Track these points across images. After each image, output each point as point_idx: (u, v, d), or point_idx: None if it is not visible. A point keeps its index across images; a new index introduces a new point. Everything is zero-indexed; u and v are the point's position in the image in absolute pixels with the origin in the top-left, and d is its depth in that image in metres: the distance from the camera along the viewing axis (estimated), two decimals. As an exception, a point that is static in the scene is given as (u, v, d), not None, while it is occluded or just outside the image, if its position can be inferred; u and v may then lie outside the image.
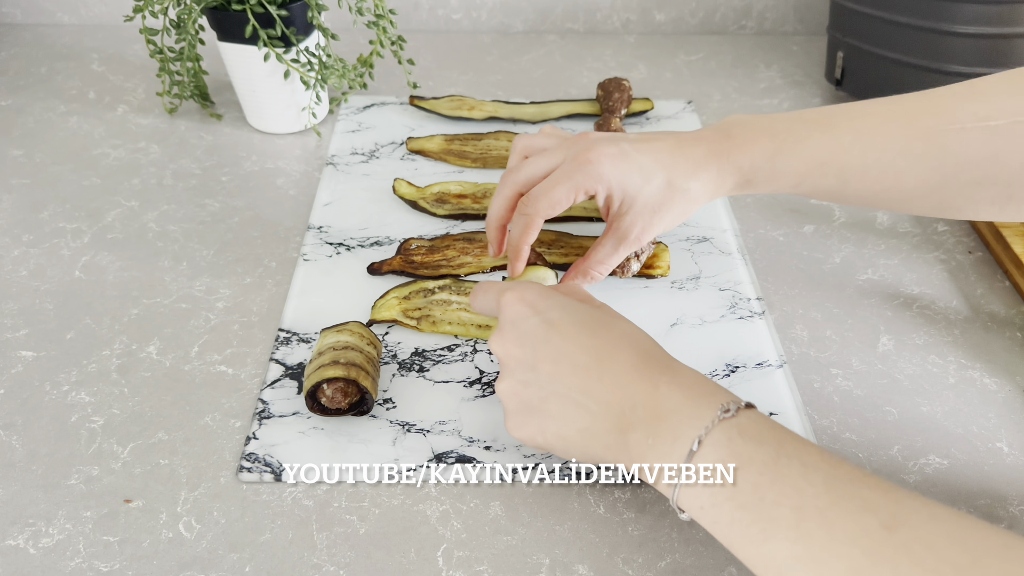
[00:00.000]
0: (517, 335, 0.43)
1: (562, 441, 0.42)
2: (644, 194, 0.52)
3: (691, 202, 0.53)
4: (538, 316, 0.43)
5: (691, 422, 0.38)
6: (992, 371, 0.55)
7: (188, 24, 0.70)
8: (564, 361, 0.42)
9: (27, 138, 0.77)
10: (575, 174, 0.51)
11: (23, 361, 0.54)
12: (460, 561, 0.44)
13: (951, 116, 0.47)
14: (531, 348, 0.42)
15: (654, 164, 0.52)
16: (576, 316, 0.43)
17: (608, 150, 0.51)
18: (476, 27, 0.99)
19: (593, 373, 0.41)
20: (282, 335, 0.56)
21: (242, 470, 0.47)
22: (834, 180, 0.51)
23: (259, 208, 0.69)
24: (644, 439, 0.39)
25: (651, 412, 0.39)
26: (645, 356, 0.41)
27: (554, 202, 0.52)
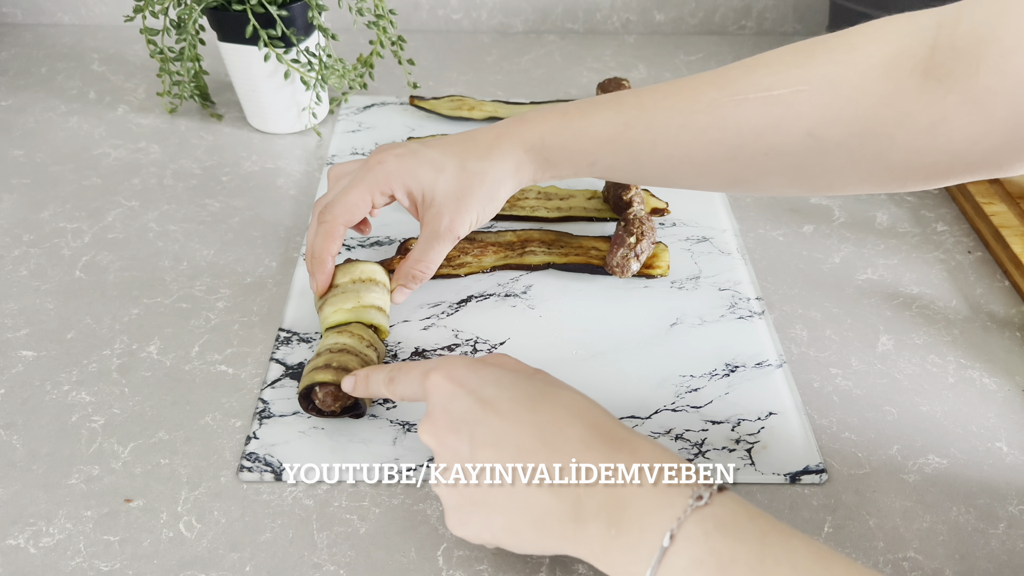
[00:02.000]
0: (449, 420, 0.39)
1: (513, 536, 0.38)
2: (441, 184, 0.52)
3: (493, 184, 0.52)
4: (471, 395, 0.39)
5: (659, 511, 0.34)
6: (991, 371, 0.56)
7: (188, 24, 0.70)
8: (505, 445, 0.37)
9: (27, 138, 0.77)
10: (366, 177, 0.52)
11: (24, 361, 0.55)
12: (460, 560, 0.44)
13: (734, 87, 0.47)
14: (467, 434, 0.38)
15: (443, 154, 0.52)
16: (512, 390, 0.39)
17: (395, 151, 0.53)
18: (476, 27, 0.99)
19: (540, 455, 0.37)
20: (282, 335, 0.56)
21: (242, 470, 0.47)
22: (625, 156, 0.50)
23: (259, 208, 0.69)
24: (605, 530, 0.35)
25: (610, 499, 0.35)
26: (596, 430, 0.38)
27: (350, 206, 0.52)
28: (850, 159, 0.45)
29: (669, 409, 0.52)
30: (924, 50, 0.42)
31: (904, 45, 0.43)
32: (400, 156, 0.52)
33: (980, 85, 0.40)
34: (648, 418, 0.51)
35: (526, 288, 0.61)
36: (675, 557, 0.32)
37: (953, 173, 0.44)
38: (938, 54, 0.41)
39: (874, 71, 0.43)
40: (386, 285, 0.55)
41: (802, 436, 0.51)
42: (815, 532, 0.46)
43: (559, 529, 0.36)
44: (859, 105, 0.44)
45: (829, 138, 0.45)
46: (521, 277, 0.62)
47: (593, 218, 0.67)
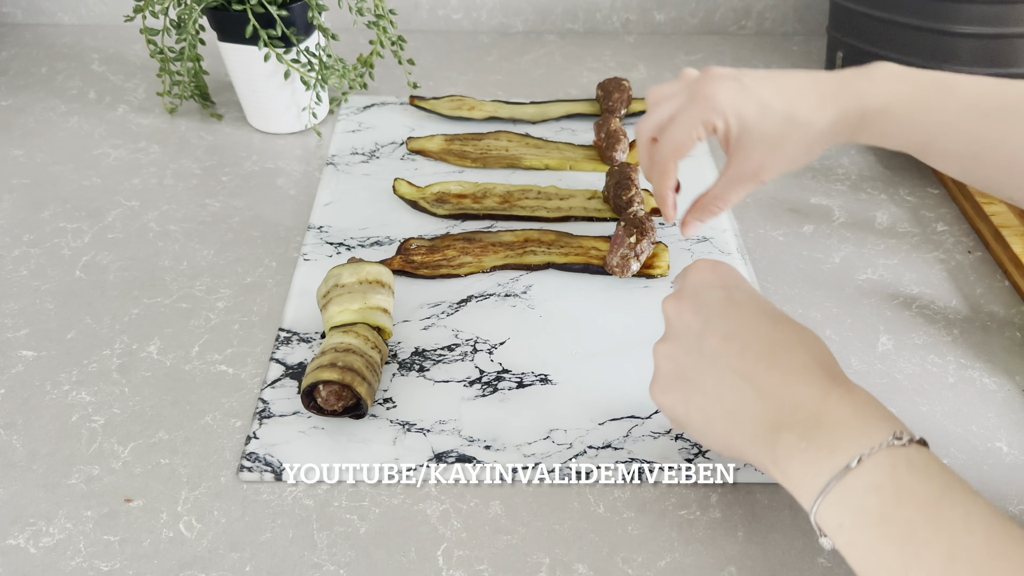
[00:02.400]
0: (695, 301, 0.42)
1: (705, 418, 0.40)
2: (761, 127, 0.49)
3: (814, 138, 0.49)
4: (723, 290, 0.42)
5: (856, 438, 0.35)
6: (991, 371, 0.56)
7: (188, 24, 0.70)
8: (736, 340, 0.40)
9: (28, 138, 0.77)
10: (691, 110, 0.49)
11: (24, 361, 0.55)
12: (460, 560, 0.44)
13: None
14: (705, 318, 0.41)
15: (775, 96, 0.49)
16: (762, 305, 0.42)
17: (725, 83, 0.49)
18: (476, 27, 0.99)
19: (763, 362, 0.39)
20: (282, 335, 0.56)
21: (242, 469, 0.47)
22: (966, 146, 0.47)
23: (259, 208, 0.69)
24: (796, 441, 0.36)
25: (813, 417, 0.36)
26: (822, 364, 0.39)
27: (678, 143, 0.50)
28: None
29: (669, 409, 0.52)
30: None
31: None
32: (731, 91, 0.49)
33: None
34: (648, 418, 0.51)
35: (526, 288, 0.61)
36: (856, 479, 0.34)
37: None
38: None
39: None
40: (391, 287, 0.55)
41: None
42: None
43: (751, 429, 0.38)
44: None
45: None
46: (521, 277, 0.62)
47: (593, 218, 0.67)
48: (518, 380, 0.53)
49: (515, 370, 0.54)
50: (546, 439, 0.50)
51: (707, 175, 0.73)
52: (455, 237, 0.64)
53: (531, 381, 0.53)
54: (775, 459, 0.37)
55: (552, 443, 0.49)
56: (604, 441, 0.50)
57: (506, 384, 0.53)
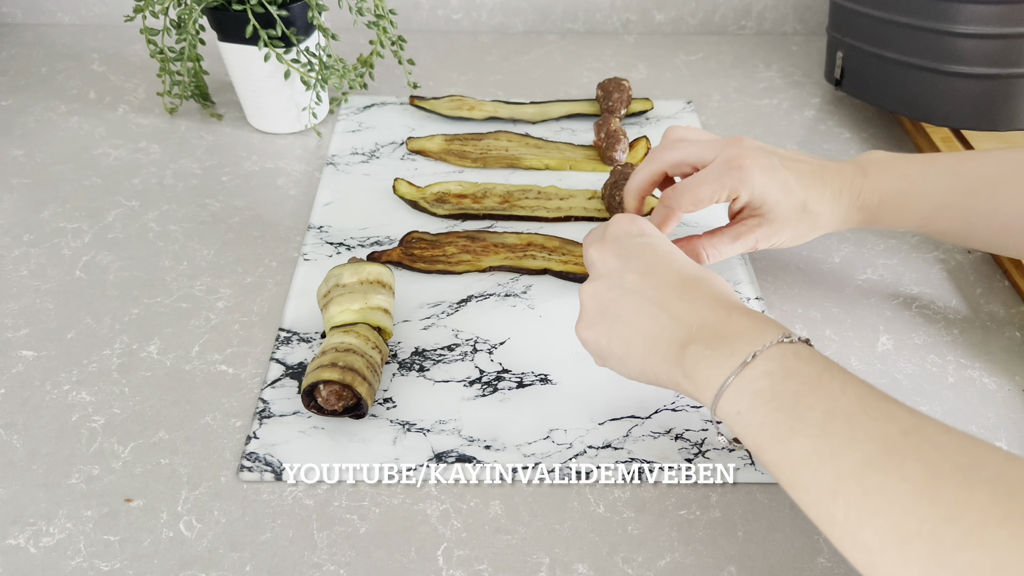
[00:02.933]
0: (617, 246, 0.47)
1: (624, 346, 0.45)
2: (781, 207, 0.54)
3: (815, 227, 0.55)
4: (644, 237, 0.48)
5: (751, 341, 0.40)
6: (991, 371, 0.56)
7: (188, 24, 0.70)
8: (651, 276, 0.45)
9: (27, 138, 0.77)
10: (725, 176, 0.53)
11: (24, 361, 0.55)
12: (460, 560, 0.44)
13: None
14: (625, 259, 0.46)
15: (798, 183, 0.54)
16: (674, 248, 0.47)
17: (761, 160, 0.53)
18: (476, 27, 0.99)
19: (675, 292, 0.44)
20: (282, 335, 0.56)
21: (242, 469, 0.47)
22: (960, 223, 0.53)
23: (259, 208, 0.69)
24: (702, 351, 0.41)
25: (716, 331, 0.42)
26: (726, 295, 0.44)
27: (698, 200, 0.54)
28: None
29: (669, 409, 0.52)
30: None
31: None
32: (765, 170, 0.53)
33: None
34: (648, 418, 0.51)
35: (526, 288, 0.61)
36: (751, 370, 0.39)
37: None
38: None
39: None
40: (392, 287, 0.55)
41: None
42: (815, 532, 0.46)
43: (665, 349, 0.43)
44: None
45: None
46: (521, 277, 0.62)
47: (593, 218, 0.67)
48: (518, 380, 0.53)
49: (515, 370, 0.54)
50: (546, 439, 0.50)
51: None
52: (459, 235, 0.64)
53: (531, 381, 0.53)
54: (684, 371, 0.42)
55: (552, 443, 0.49)
56: (604, 441, 0.50)
57: (506, 384, 0.53)
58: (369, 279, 0.53)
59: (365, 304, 0.52)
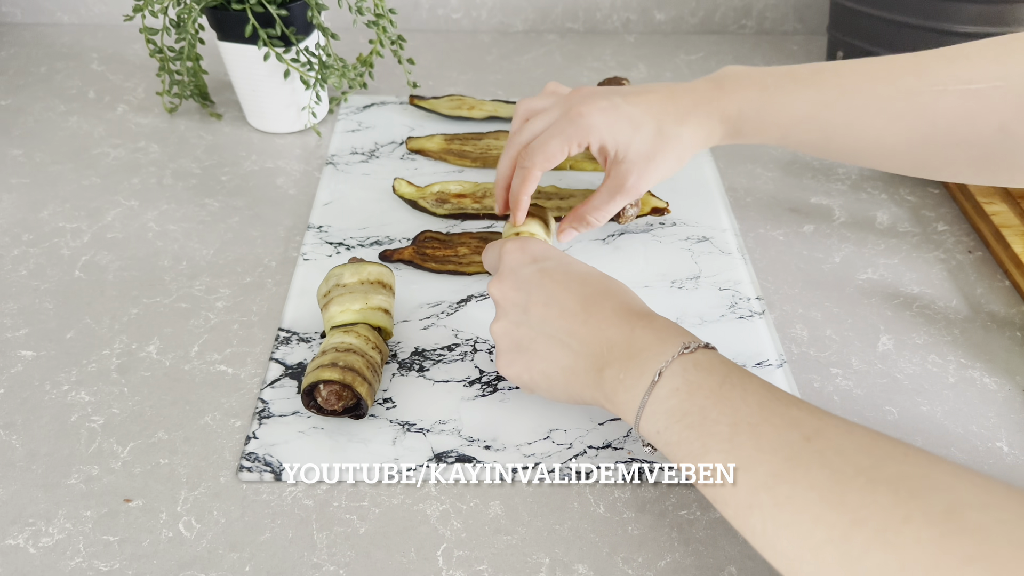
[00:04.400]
0: (515, 280, 0.47)
1: (546, 379, 0.46)
2: (636, 143, 0.53)
3: (683, 149, 0.54)
4: (536, 264, 0.47)
5: (656, 358, 0.41)
6: (992, 371, 0.56)
7: (188, 24, 0.70)
8: (554, 305, 0.45)
9: (27, 137, 0.77)
10: (567, 128, 0.53)
11: (23, 360, 0.54)
12: (460, 560, 0.44)
13: (934, 78, 0.48)
14: (525, 292, 0.46)
15: (644, 114, 0.54)
16: (569, 268, 0.47)
17: (599, 103, 0.54)
18: (476, 27, 0.99)
19: (579, 317, 0.44)
20: (282, 335, 0.56)
21: (242, 469, 0.47)
22: (818, 135, 0.53)
23: (259, 208, 0.69)
24: (616, 374, 0.42)
25: (625, 351, 0.42)
26: (626, 306, 0.44)
27: (549, 155, 0.54)
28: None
29: (669, 409, 0.52)
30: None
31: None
32: (604, 111, 0.53)
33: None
34: (648, 418, 0.51)
35: (526, 288, 0.61)
36: (660, 389, 0.40)
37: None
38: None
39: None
40: (392, 287, 0.55)
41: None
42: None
43: (584, 377, 0.44)
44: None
45: (1020, 133, 0.46)
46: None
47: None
48: (518, 380, 0.53)
49: (515, 370, 0.54)
50: (546, 439, 0.50)
51: (707, 175, 0.73)
52: (472, 235, 0.64)
53: (531, 381, 0.53)
54: (605, 395, 0.43)
55: (552, 443, 0.49)
56: (604, 441, 0.50)
57: (506, 384, 0.53)
58: (370, 279, 0.53)
59: (366, 304, 0.52)
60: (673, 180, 0.72)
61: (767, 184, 0.73)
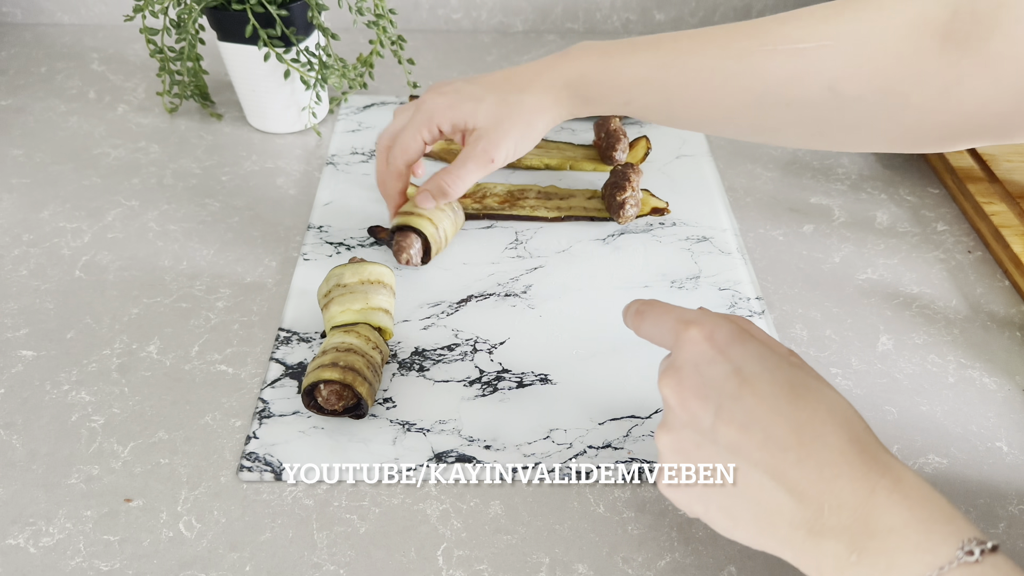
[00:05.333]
0: (700, 384, 0.36)
1: (729, 519, 0.35)
2: (480, 114, 0.55)
3: (529, 114, 0.55)
4: (729, 364, 0.36)
5: (916, 553, 0.30)
6: (991, 370, 0.56)
7: (188, 24, 0.70)
8: (755, 429, 0.34)
9: (27, 138, 0.77)
10: (415, 117, 0.57)
11: (23, 360, 0.54)
12: (460, 560, 0.44)
13: (765, 38, 0.49)
14: (715, 404, 0.35)
15: (484, 90, 0.56)
16: (776, 374, 0.35)
17: (441, 90, 0.57)
18: (476, 27, 0.99)
19: (791, 453, 0.33)
20: (282, 335, 0.56)
21: (242, 469, 0.47)
22: (658, 97, 0.52)
23: (259, 208, 0.69)
24: (845, 553, 0.32)
25: (860, 523, 0.32)
26: (858, 444, 0.34)
27: (405, 146, 0.58)
28: (867, 115, 0.47)
29: (669, 409, 0.52)
30: (946, 14, 0.44)
31: (927, 8, 0.44)
32: (444, 94, 0.56)
33: (992, 50, 0.42)
34: (648, 418, 0.51)
35: (526, 288, 0.61)
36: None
37: (963, 136, 0.46)
38: (957, 19, 0.43)
39: (896, 31, 0.45)
40: (393, 287, 0.55)
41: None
42: None
43: (786, 534, 0.33)
44: (879, 63, 0.45)
45: (848, 93, 0.46)
46: (521, 277, 0.62)
47: (594, 218, 0.67)
48: (518, 380, 0.53)
49: (515, 370, 0.54)
50: (546, 439, 0.50)
51: (707, 175, 0.73)
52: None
53: (531, 381, 0.53)
54: (820, 570, 0.33)
55: (552, 443, 0.49)
56: (604, 441, 0.50)
57: (506, 384, 0.53)
58: (370, 279, 0.53)
59: (366, 304, 0.52)
60: (673, 180, 0.72)
61: (767, 184, 0.73)
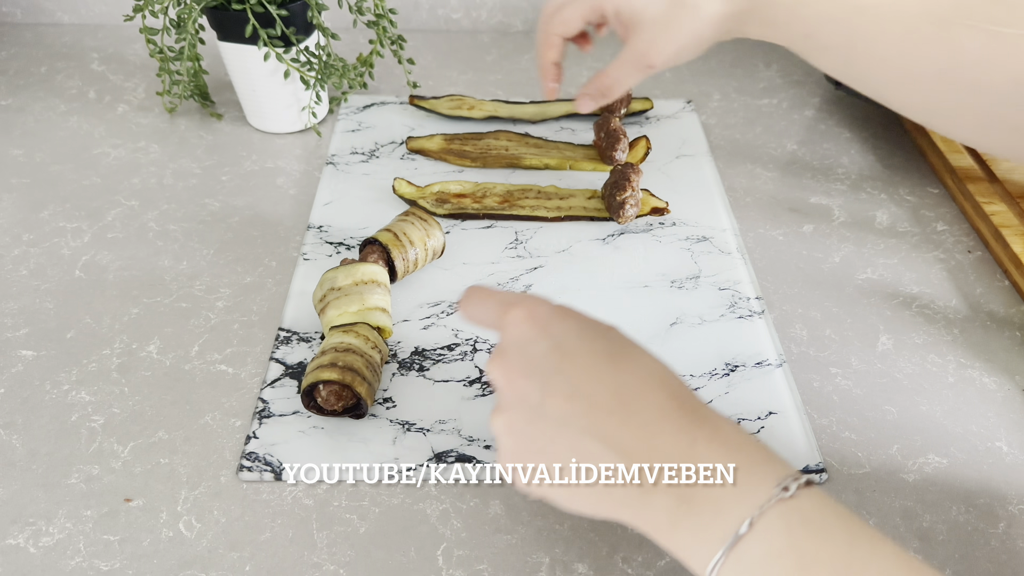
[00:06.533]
0: (524, 362, 0.36)
1: (566, 492, 0.35)
2: (650, 10, 0.51)
3: (700, 20, 0.51)
4: (549, 340, 0.36)
5: (738, 496, 0.32)
6: (991, 370, 0.56)
7: (188, 24, 0.70)
8: (580, 398, 0.35)
9: (27, 137, 0.77)
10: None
11: (23, 360, 0.54)
12: (460, 560, 0.44)
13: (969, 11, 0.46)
14: (540, 380, 0.35)
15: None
16: (595, 345, 0.36)
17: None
18: (476, 27, 0.99)
19: (615, 416, 0.34)
20: (282, 334, 0.56)
21: (242, 469, 0.47)
22: (842, 40, 0.49)
23: (259, 207, 0.69)
24: (675, 505, 0.33)
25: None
26: (677, 400, 0.35)
27: (564, 19, 0.54)
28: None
29: (669, 409, 0.52)
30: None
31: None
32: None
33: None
34: (648, 418, 0.51)
35: (526, 288, 0.61)
36: (750, 546, 0.31)
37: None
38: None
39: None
40: (387, 285, 0.55)
41: (802, 435, 0.51)
42: None
43: (621, 496, 0.34)
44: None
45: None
46: (521, 277, 0.62)
47: (593, 217, 0.67)
48: (518, 380, 0.53)
49: (515, 370, 0.54)
50: (546, 439, 0.50)
51: (707, 175, 0.73)
52: None
53: (531, 381, 0.53)
54: (656, 526, 0.34)
55: (552, 443, 0.49)
56: (604, 441, 0.50)
57: (506, 384, 0.53)
58: (364, 279, 0.53)
59: (363, 305, 0.52)
60: (673, 180, 0.72)
61: (767, 184, 0.73)
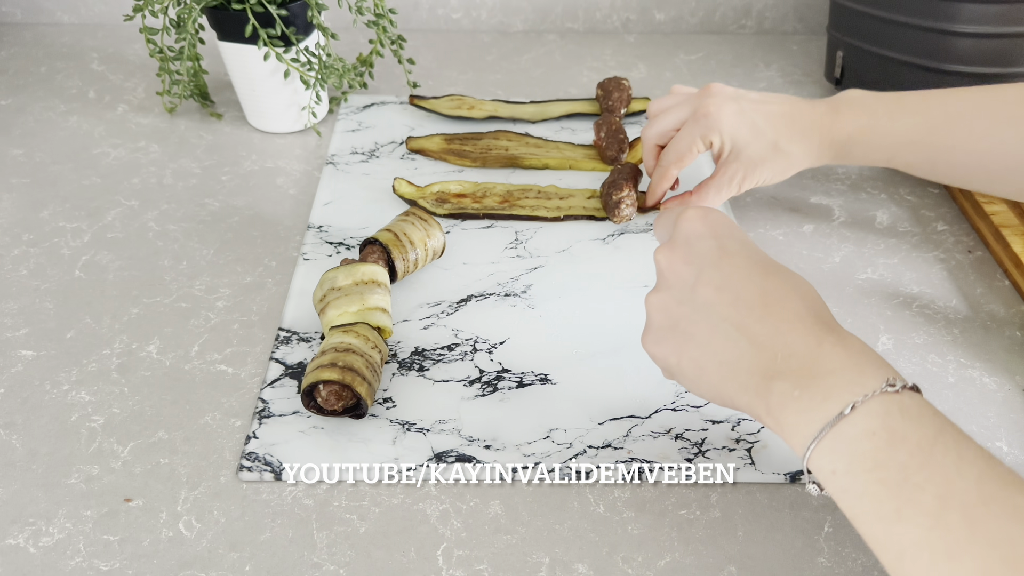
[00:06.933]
0: (687, 252, 0.42)
1: (697, 368, 0.41)
2: (751, 149, 0.59)
3: (790, 164, 0.60)
4: (715, 240, 0.42)
5: (849, 386, 0.35)
6: (991, 370, 0.56)
7: (188, 23, 0.70)
8: (728, 291, 0.40)
9: (27, 137, 0.77)
10: (695, 127, 0.59)
11: (23, 360, 0.54)
12: (460, 560, 0.44)
13: None
14: (697, 268, 0.41)
15: (766, 123, 0.59)
16: (754, 254, 0.42)
17: (728, 106, 0.58)
18: (476, 27, 0.99)
19: (755, 312, 0.39)
20: (282, 334, 0.56)
21: (242, 469, 0.47)
22: (923, 158, 0.57)
23: (259, 207, 0.69)
24: (790, 390, 0.37)
25: (806, 366, 0.37)
26: (814, 311, 0.39)
27: (680, 153, 0.60)
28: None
29: (669, 408, 0.52)
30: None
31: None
32: (732, 114, 0.58)
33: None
34: (648, 417, 0.51)
35: (526, 288, 0.61)
36: (849, 425, 0.34)
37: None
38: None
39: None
40: (387, 285, 0.55)
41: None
42: (815, 532, 0.46)
43: (744, 378, 0.39)
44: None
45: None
46: (521, 277, 0.62)
47: (593, 217, 0.67)
48: (518, 380, 0.53)
49: (515, 370, 0.54)
50: (546, 439, 0.50)
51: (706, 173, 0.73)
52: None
53: (531, 381, 0.53)
54: (768, 408, 0.38)
55: (552, 443, 0.49)
56: (604, 441, 0.50)
57: (506, 384, 0.53)
58: (364, 279, 0.53)
59: (363, 305, 0.52)
60: (673, 180, 0.72)
61: (766, 184, 0.73)
